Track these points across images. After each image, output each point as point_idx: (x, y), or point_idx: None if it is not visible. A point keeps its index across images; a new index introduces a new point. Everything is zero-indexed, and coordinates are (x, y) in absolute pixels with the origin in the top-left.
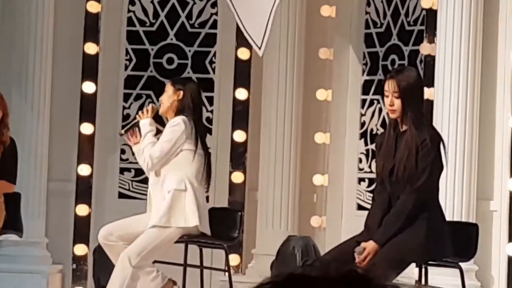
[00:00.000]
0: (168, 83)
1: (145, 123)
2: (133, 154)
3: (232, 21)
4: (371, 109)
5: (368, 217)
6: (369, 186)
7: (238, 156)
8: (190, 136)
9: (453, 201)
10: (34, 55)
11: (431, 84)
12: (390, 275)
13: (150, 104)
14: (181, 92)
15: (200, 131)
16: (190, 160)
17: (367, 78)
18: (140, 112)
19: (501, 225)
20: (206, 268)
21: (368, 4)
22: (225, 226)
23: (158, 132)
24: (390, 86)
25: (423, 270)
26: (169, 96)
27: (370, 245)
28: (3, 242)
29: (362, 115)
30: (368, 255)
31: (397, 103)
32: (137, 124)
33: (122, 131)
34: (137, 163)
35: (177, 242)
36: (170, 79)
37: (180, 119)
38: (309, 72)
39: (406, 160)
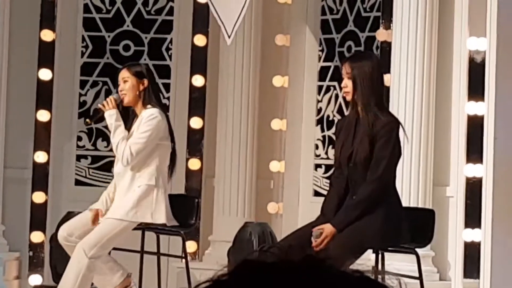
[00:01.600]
0: (125, 71)
1: (111, 114)
2: (88, 139)
3: (188, 7)
4: (328, 95)
5: (324, 202)
6: (325, 172)
7: (195, 142)
8: (165, 130)
9: (410, 187)
10: None
11: (387, 70)
12: (347, 260)
13: (111, 96)
14: (145, 81)
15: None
16: (163, 154)
17: (324, 64)
18: (104, 102)
19: (458, 211)
20: (163, 255)
21: None
22: (182, 213)
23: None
24: (347, 69)
25: (380, 255)
26: (133, 86)
27: (327, 228)
28: None
29: (318, 101)
30: (326, 238)
31: (350, 84)
32: (101, 113)
33: (88, 120)
34: (93, 149)
35: (134, 229)
36: (126, 67)
37: (156, 111)
38: (266, 58)
39: (365, 146)
